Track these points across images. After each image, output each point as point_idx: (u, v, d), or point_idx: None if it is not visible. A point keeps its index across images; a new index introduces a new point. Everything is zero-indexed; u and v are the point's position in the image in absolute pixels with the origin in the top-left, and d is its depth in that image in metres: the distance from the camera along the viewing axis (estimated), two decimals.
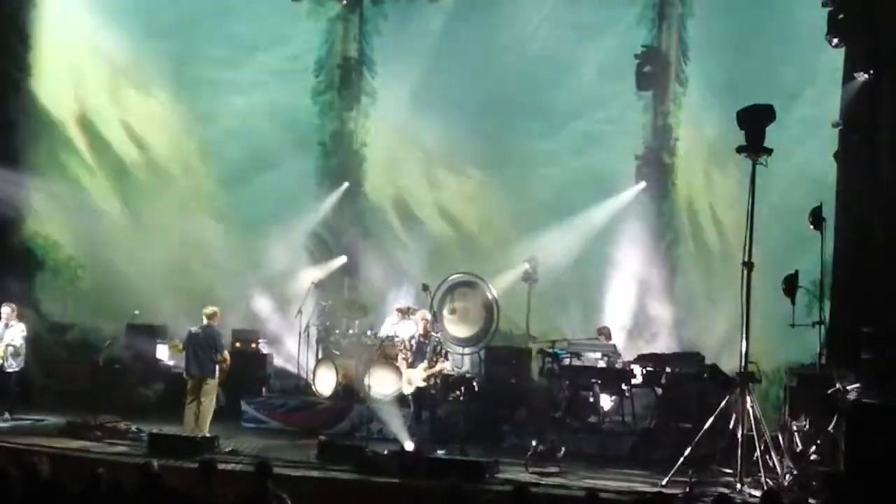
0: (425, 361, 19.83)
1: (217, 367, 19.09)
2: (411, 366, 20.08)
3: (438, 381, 19.81)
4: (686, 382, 19.22)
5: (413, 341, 20.35)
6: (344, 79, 25.31)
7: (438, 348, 20.14)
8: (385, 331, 21.66)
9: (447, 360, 20.34)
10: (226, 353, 19.38)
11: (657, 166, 23.68)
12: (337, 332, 22.06)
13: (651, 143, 23.76)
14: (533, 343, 21.85)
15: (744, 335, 16.42)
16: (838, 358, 17.52)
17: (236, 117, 24.69)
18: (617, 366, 20.34)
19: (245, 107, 24.73)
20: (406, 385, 20.02)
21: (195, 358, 19.11)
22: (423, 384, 19.75)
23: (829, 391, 16.35)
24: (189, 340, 19.24)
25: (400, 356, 20.51)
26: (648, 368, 19.85)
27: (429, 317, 20.93)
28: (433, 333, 20.52)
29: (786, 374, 18.14)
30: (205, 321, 19.19)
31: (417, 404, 19.82)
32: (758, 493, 15.31)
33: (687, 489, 15.66)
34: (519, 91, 23.78)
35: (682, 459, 16.29)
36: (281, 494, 12.47)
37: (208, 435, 18.65)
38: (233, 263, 23.59)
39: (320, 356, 22.03)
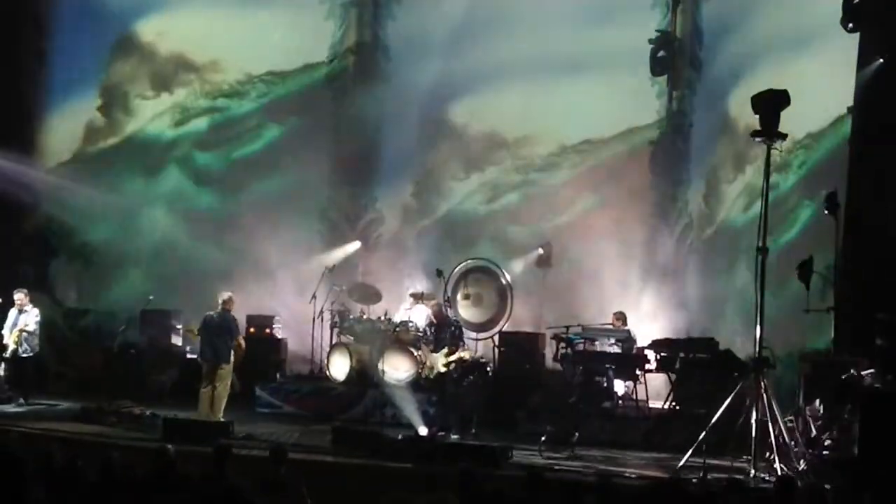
0: (445, 347, 19.84)
1: (232, 353, 19.14)
2: (433, 351, 20.12)
3: (458, 366, 19.82)
4: (700, 368, 19.19)
5: (432, 328, 20.34)
6: (358, 64, 25.29)
7: (457, 332, 20.14)
8: (399, 316, 21.68)
9: (465, 344, 20.35)
10: (240, 339, 19.43)
11: (671, 151, 23.66)
12: (351, 317, 22.06)
13: (665, 128, 23.73)
14: (547, 328, 21.84)
15: (758, 320, 16.40)
16: (852, 344, 17.49)
17: (251, 101, 24.71)
18: (631, 351, 20.35)
19: (260, 92, 24.74)
20: (427, 369, 20.06)
21: (210, 343, 19.15)
22: (443, 370, 19.77)
23: (844, 377, 16.34)
24: (204, 325, 19.27)
25: (422, 341, 20.55)
26: (662, 354, 19.81)
27: (440, 302, 20.97)
28: (449, 318, 20.55)
29: (800, 359, 18.10)
30: (220, 306, 19.22)
31: (441, 389, 19.81)
32: (772, 478, 15.31)
33: (701, 474, 15.65)
34: (533, 74, 23.74)
35: (695, 445, 16.28)
36: (295, 480, 12.49)
37: (223, 420, 18.72)
38: (247, 248, 23.62)
39: (334, 341, 22.04)
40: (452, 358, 19.76)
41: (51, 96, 24.73)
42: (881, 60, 19.47)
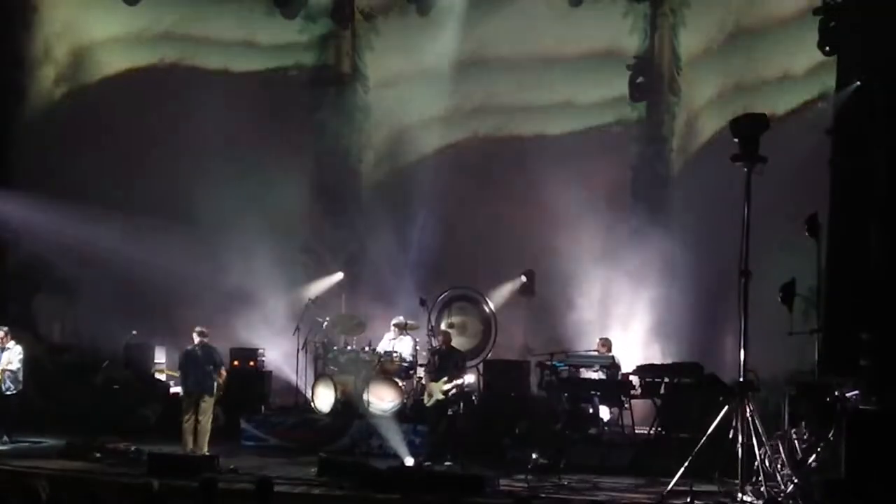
0: (447, 376, 19.93)
1: (215, 384, 19.14)
2: (434, 379, 20.16)
3: (456, 395, 19.88)
4: (685, 392, 19.19)
5: (437, 356, 20.44)
6: (337, 95, 25.33)
7: (460, 363, 20.26)
8: (383, 346, 21.66)
9: (466, 374, 20.42)
10: (222, 370, 19.46)
11: (652, 176, 23.70)
12: (335, 348, 22.03)
13: (645, 153, 23.77)
14: (531, 356, 21.85)
15: (742, 344, 16.41)
16: (837, 365, 17.52)
17: (231, 133, 24.66)
18: (616, 377, 20.35)
19: (239, 124, 24.71)
20: (427, 397, 20.13)
21: (194, 375, 19.15)
22: (441, 397, 19.83)
23: (829, 399, 16.35)
24: (186, 358, 19.26)
25: (424, 370, 20.67)
26: (647, 379, 19.82)
27: (448, 331, 21.14)
28: (456, 349, 20.68)
29: (784, 382, 18.12)
30: (197, 339, 19.25)
31: (436, 417, 19.85)
32: (759, 502, 15.33)
33: (688, 499, 15.65)
34: (511, 102, 23.79)
35: (682, 469, 16.26)
36: None
37: (207, 453, 18.68)
38: (229, 281, 23.59)
39: (319, 373, 22.00)
40: (449, 386, 19.79)
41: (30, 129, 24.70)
42: (858, 83, 19.57)
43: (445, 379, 19.91)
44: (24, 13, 24.73)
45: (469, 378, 20.28)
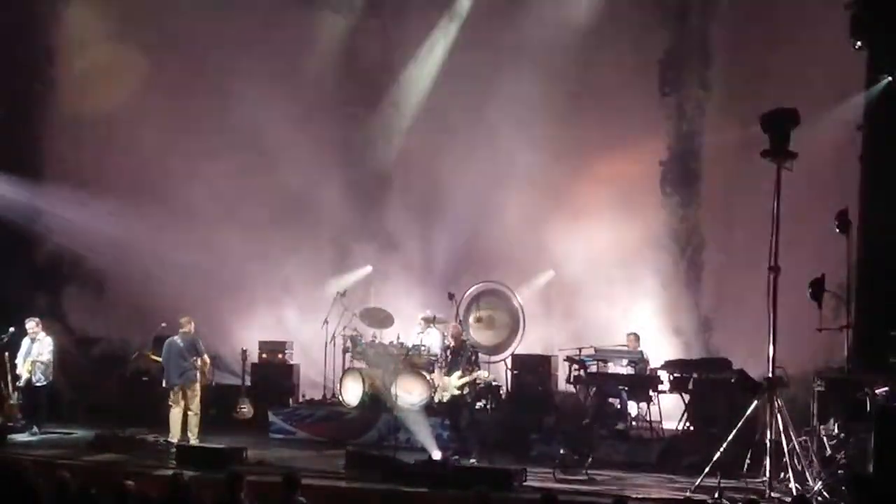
0: (460, 370, 19.89)
1: (198, 373, 19.59)
2: (447, 374, 20.15)
3: (472, 389, 19.84)
4: (713, 388, 19.15)
5: (448, 351, 20.43)
6: (366, 87, 25.31)
7: (473, 357, 20.20)
8: (411, 340, 21.67)
9: (480, 368, 20.35)
10: (205, 356, 19.72)
11: (682, 171, 23.62)
12: (363, 341, 22.05)
13: (675, 148, 23.69)
14: (559, 350, 21.83)
15: (771, 340, 16.36)
16: (866, 361, 17.44)
17: (258, 128, 24.69)
18: (644, 372, 20.32)
19: (269, 118, 24.75)
20: (441, 392, 20.11)
21: (177, 367, 19.71)
22: (457, 392, 19.80)
23: (858, 395, 16.28)
24: (168, 350, 19.70)
25: (436, 365, 20.60)
26: (675, 374, 19.81)
27: (460, 326, 21.05)
28: (467, 342, 20.63)
29: (813, 378, 18.06)
30: (179, 329, 19.74)
31: (453, 413, 19.83)
32: (787, 498, 15.28)
33: (715, 495, 15.62)
34: (540, 96, 23.71)
35: (710, 465, 16.24)
36: None
37: (199, 441, 19.28)
38: (258, 274, 23.62)
39: (347, 366, 22.03)
40: (465, 380, 19.79)
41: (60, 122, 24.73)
42: (889, 78, 19.46)
43: (459, 373, 19.90)
44: (55, 4, 24.76)
45: (482, 373, 20.25)
